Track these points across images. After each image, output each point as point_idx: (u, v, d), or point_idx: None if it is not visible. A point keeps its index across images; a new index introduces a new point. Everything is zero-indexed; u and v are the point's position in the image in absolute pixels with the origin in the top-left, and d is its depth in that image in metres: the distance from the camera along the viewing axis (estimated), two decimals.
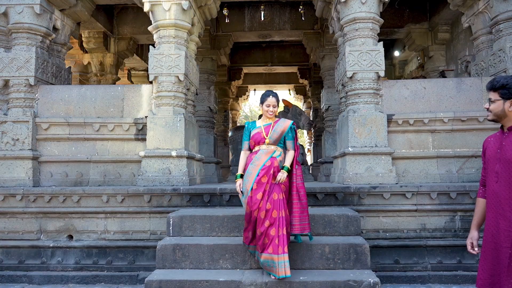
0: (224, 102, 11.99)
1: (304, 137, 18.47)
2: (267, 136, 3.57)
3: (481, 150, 2.50)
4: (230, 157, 10.43)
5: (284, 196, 3.46)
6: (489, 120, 2.39)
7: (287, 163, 3.54)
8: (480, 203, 2.46)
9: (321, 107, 8.49)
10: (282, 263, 3.22)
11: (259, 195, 3.35)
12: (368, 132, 4.92)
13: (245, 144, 3.69)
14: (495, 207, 2.25)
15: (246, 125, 3.75)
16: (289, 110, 9.32)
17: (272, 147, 3.57)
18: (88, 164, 5.26)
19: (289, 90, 14.48)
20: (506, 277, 2.14)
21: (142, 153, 5.05)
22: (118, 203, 4.74)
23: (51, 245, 4.72)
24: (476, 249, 2.42)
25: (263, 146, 3.57)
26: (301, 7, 7.39)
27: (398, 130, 5.05)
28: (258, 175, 3.41)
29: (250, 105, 26.28)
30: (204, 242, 3.78)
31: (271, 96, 3.59)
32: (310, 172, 10.14)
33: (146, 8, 5.22)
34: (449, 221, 4.57)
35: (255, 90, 14.18)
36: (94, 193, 4.75)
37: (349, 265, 3.64)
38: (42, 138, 5.27)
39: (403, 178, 4.98)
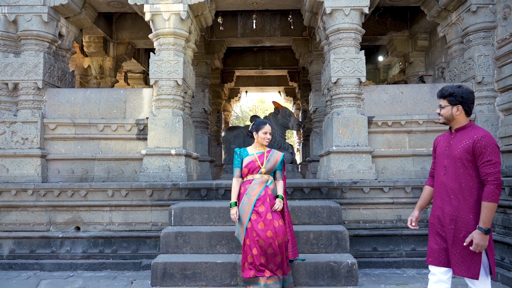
0: (217, 104, 12.37)
1: (293, 137, 18.96)
2: (262, 165, 3.59)
3: None
4: (223, 156, 10.83)
5: (282, 222, 3.57)
6: (440, 123, 2.80)
7: (280, 192, 3.66)
8: (427, 190, 2.90)
9: (309, 108, 8.94)
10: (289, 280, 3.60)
11: (260, 225, 3.42)
12: (351, 133, 5.41)
13: (237, 171, 3.65)
14: (442, 195, 2.68)
15: (237, 152, 3.71)
16: (279, 112, 9.68)
17: (266, 176, 3.61)
18: (92, 162, 5.66)
19: (279, 92, 14.95)
20: (451, 249, 2.60)
21: (143, 152, 5.47)
22: (122, 197, 5.17)
23: (60, 235, 5.13)
24: (413, 224, 2.87)
25: (257, 176, 3.59)
26: (290, 16, 7.84)
27: (378, 131, 5.55)
28: (254, 206, 3.48)
29: (241, 106, 26.78)
30: (203, 230, 4.24)
31: (267, 124, 3.67)
32: (299, 170, 10.57)
33: (147, 17, 5.63)
34: (422, 212, 5.05)
35: (246, 92, 14.64)
36: (100, 188, 5.17)
37: (331, 249, 4.13)
38: (49, 137, 5.65)
39: (382, 175, 5.48)
